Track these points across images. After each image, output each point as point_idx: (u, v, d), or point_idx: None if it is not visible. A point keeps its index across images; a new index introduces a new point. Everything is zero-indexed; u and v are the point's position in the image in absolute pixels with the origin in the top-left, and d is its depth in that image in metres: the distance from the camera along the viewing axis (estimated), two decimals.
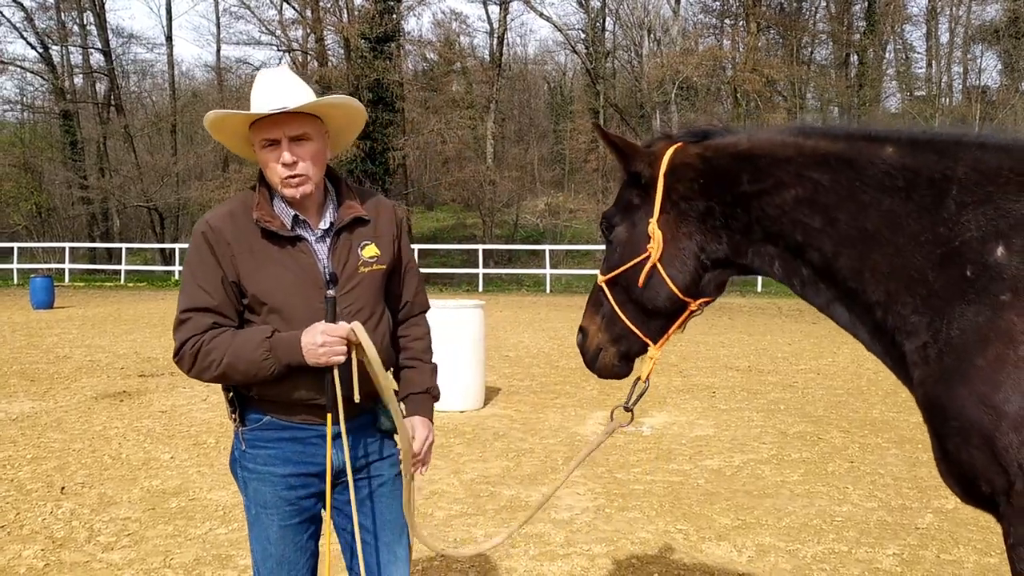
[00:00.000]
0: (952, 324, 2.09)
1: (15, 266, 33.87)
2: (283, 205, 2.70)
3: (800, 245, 2.38)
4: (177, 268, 34.89)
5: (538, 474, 6.89)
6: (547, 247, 32.27)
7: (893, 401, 9.89)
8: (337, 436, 2.71)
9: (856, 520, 5.80)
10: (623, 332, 2.71)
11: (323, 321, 2.56)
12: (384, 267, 2.79)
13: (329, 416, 2.63)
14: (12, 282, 32.84)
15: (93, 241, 41.17)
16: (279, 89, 2.61)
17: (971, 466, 2.05)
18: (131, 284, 33.28)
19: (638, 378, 2.80)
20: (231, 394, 2.74)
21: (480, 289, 29.97)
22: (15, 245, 35.05)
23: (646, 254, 2.56)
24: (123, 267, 34.89)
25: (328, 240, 2.71)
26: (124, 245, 36.62)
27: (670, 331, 2.70)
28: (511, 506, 6.06)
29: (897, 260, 2.22)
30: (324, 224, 2.73)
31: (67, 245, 35.67)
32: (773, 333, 17.19)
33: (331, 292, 2.64)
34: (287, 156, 2.56)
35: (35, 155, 42.41)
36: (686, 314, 2.66)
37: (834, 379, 11.65)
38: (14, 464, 7.09)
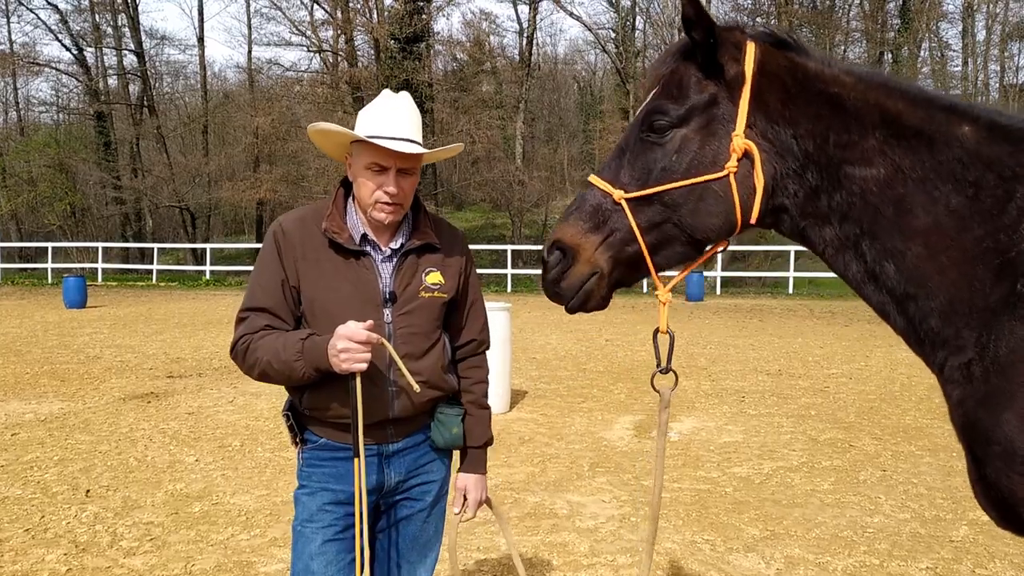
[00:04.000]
0: (1000, 342, 1.93)
1: (49, 265, 34.44)
2: (356, 219, 2.71)
3: (861, 233, 2.10)
4: (208, 268, 35.27)
5: (564, 480, 6.81)
6: None
7: (927, 407, 9.68)
8: (391, 455, 2.76)
9: (888, 532, 5.66)
10: (633, 259, 2.23)
11: (352, 322, 2.50)
12: (446, 296, 2.79)
13: (361, 429, 2.58)
14: (46, 281, 33.35)
15: (126, 241, 41.73)
16: (405, 121, 2.62)
17: (1012, 492, 1.94)
18: (163, 284, 33.62)
19: (656, 331, 2.37)
20: (291, 421, 2.76)
21: (509, 290, 29.92)
22: (49, 245, 35.68)
23: (723, 172, 2.11)
24: (155, 267, 35.28)
25: (394, 260, 2.72)
26: (156, 245, 37.05)
27: (689, 268, 2.31)
28: (535, 513, 5.98)
29: (964, 267, 2.00)
30: (395, 244, 2.73)
31: (100, 245, 36.22)
32: (804, 336, 16.94)
33: (387, 312, 2.66)
34: (392, 188, 2.60)
35: (69, 156, 42.98)
36: (720, 249, 2.30)
37: (866, 384, 11.42)
38: (41, 466, 7.13)
